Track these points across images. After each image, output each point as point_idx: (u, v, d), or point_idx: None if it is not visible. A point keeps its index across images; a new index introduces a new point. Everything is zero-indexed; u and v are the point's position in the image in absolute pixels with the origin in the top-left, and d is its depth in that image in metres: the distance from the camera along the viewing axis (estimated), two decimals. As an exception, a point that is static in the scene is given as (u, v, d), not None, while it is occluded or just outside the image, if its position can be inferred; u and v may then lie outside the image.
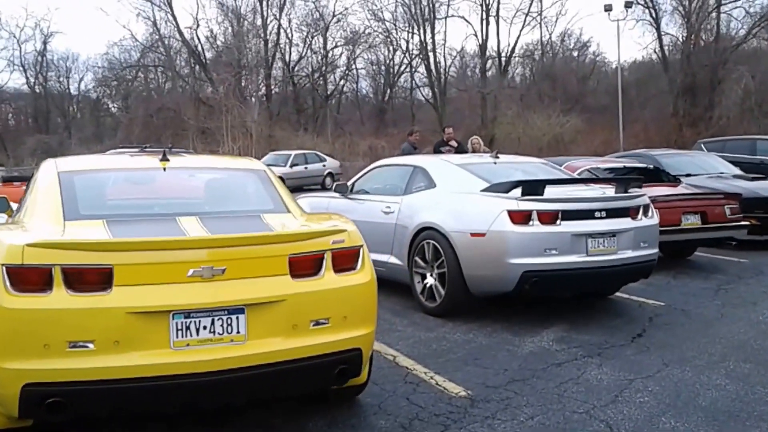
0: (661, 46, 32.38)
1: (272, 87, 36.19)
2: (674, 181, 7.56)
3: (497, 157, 5.53)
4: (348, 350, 2.71)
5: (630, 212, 4.81)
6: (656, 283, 6.13)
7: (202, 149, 25.37)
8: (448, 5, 34.24)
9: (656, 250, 5.00)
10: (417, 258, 5.00)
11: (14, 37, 38.54)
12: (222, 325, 2.47)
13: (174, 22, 34.66)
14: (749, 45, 30.21)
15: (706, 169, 9.24)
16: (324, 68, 36.56)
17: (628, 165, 7.71)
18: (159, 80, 37.78)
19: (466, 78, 36.51)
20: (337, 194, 6.06)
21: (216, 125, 27.78)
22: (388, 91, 38.85)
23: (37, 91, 39.30)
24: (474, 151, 8.55)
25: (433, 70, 34.63)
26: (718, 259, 7.40)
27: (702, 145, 14.34)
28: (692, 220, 6.62)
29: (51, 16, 62.95)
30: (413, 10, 34.46)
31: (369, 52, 37.73)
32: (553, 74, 35.53)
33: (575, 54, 38.58)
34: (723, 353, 4.07)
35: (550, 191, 4.62)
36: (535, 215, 4.46)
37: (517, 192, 4.55)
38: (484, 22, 33.21)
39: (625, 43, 56.01)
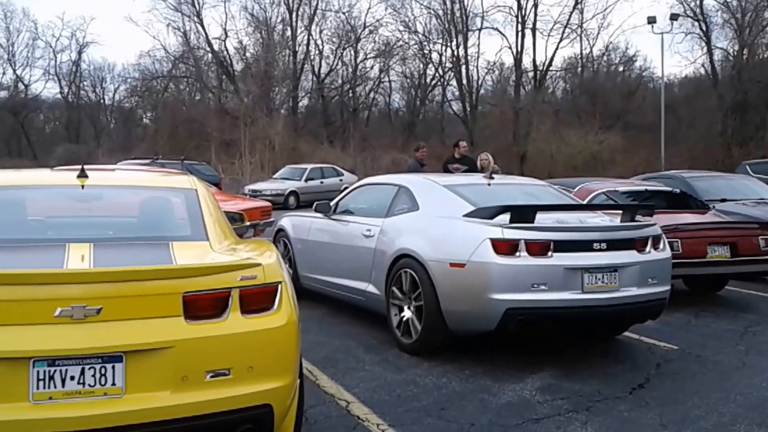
0: (711, 61, 30.98)
1: (300, 99, 36.34)
2: (702, 207, 6.87)
3: (492, 178, 5.05)
4: (254, 407, 2.30)
5: (636, 244, 4.24)
6: (674, 322, 5.50)
7: (224, 161, 25.51)
8: (482, 17, 33.70)
9: (667, 288, 4.41)
10: (394, 288, 4.56)
11: (50, 46, 39.48)
12: (94, 376, 2.11)
13: (203, 33, 35.25)
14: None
15: (745, 193, 8.46)
16: (354, 81, 36.52)
17: (650, 189, 7.05)
18: (190, 91, 38.40)
19: (504, 93, 35.78)
20: (320, 214, 5.70)
21: (240, 137, 27.97)
22: (419, 104, 38.47)
23: (70, 100, 40.04)
24: (483, 169, 8.05)
25: (465, 84, 34.09)
26: (752, 295, 6.66)
27: (747, 167, 13.38)
28: (720, 252, 5.93)
29: (87, 26, 64.94)
30: (447, 23, 34.08)
31: (401, 65, 37.55)
32: (593, 89, 34.45)
33: (620, 69, 37.32)
34: (735, 414, 3.47)
35: (542, 218, 4.12)
36: (522, 245, 3.96)
37: (505, 218, 4.06)
38: (519, 34, 32.53)
39: (676, 58, 54.04)
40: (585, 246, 4.06)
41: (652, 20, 25.57)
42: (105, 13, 53.66)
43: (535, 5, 32.44)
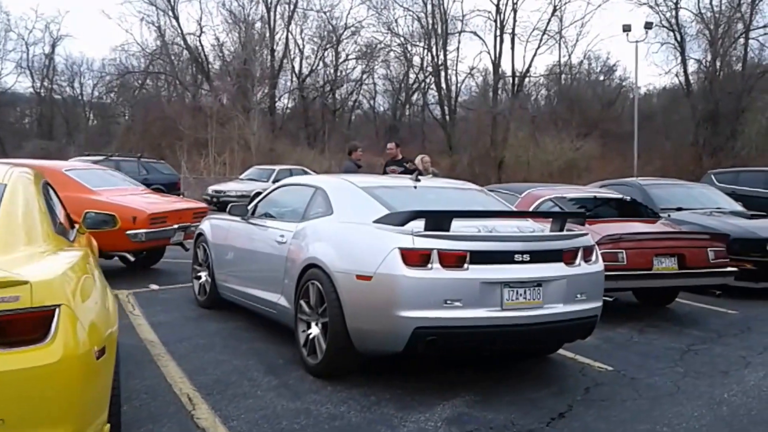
0: (685, 71, 31.13)
1: (278, 99, 35.76)
2: (653, 215, 6.54)
3: (418, 180, 4.62)
4: None
5: (563, 256, 3.84)
6: (616, 339, 5.13)
7: (194, 161, 24.83)
8: (463, 21, 33.44)
9: (599, 304, 4.02)
10: (302, 301, 4.11)
11: (23, 39, 37.97)
12: None
13: (179, 28, 34.45)
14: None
15: (703, 202, 8.19)
16: (334, 82, 36.07)
17: (599, 196, 6.70)
18: (167, 88, 37.51)
19: (484, 98, 35.58)
20: (237, 217, 5.23)
21: (213, 136, 27.33)
22: (400, 108, 38.17)
23: (42, 95, 38.85)
24: (425, 171, 7.67)
25: (444, 88, 33.82)
26: (703, 309, 6.33)
27: (712, 176, 13.25)
28: (667, 264, 5.58)
29: (61, 19, 62.51)
30: (427, 27, 33.78)
31: (384, 68, 37.24)
32: (571, 97, 34.47)
33: (601, 78, 37.50)
34: (660, 451, 3.08)
35: (462, 226, 3.70)
36: (435, 256, 3.53)
37: (418, 225, 3.63)
38: (498, 39, 32.37)
39: (655, 69, 54.65)
40: (505, 258, 3.65)
41: (627, 28, 25.58)
42: (81, 7, 52.42)
43: (514, 11, 32.34)
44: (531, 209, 6.10)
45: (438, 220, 3.61)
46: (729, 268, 5.78)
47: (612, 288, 5.35)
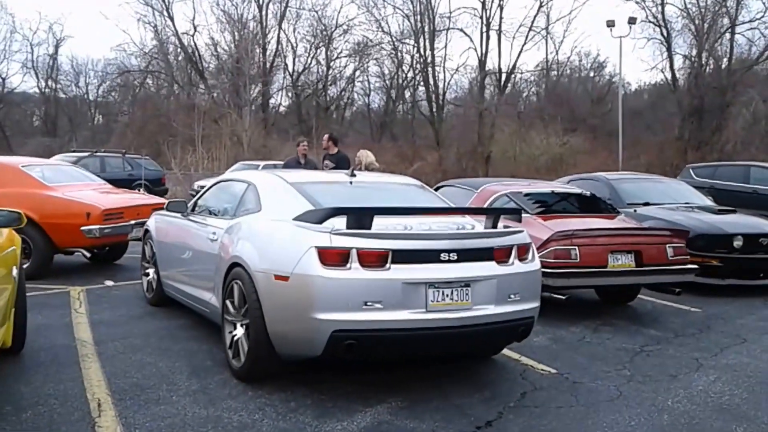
0: (672, 66, 30.98)
1: (271, 96, 35.66)
2: (612, 211, 6.37)
3: (353, 176, 4.44)
4: None
5: (495, 254, 3.66)
6: (568, 339, 4.97)
7: (186, 157, 24.72)
8: (450, 18, 33.18)
9: (535, 305, 3.84)
10: (228, 302, 3.92)
11: (27, 40, 38.79)
12: None
13: (173, 27, 34.42)
14: (762, 68, 28.72)
15: (673, 197, 8.05)
16: (326, 80, 35.96)
17: (557, 191, 6.53)
18: (166, 87, 37.47)
19: (471, 95, 35.38)
20: (177, 214, 5.04)
21: (206, 133, 27.15)
22: (392, 105, 38.04)
23: (47, 94, 39.28)
24: (361, 165, 7.53)
25: (432, 85, 33.61)
26: (665, 307, 6.17)
27: (691, 171, 13.17)
28: (623, 261, 5.42)
29: (65, 20, 64.62)
30: (414, 24, 33.54)
31: (376, 65, 37.13)
32: (558, 93, 34.33)
33: (591, 74, 37.33)
34: (583, 462, 2.91)
35: (384, 224, 3.52)
36: (354, 255, 3.35)
37: (339, 223, 3.44)
38: (484, 36, 32.13)
39: (645, 65, 54.52)
40: (431, 256, 3.46)
41: (610, 24, 25.38)
42: (84, 8, 52.67)
43: (500, 7, 32.09)
44: (486, 205, 5.93)
45: (358, 218, 3.42)
46: (689, 266, 5.62)
47: (565, 286, 5.22)
